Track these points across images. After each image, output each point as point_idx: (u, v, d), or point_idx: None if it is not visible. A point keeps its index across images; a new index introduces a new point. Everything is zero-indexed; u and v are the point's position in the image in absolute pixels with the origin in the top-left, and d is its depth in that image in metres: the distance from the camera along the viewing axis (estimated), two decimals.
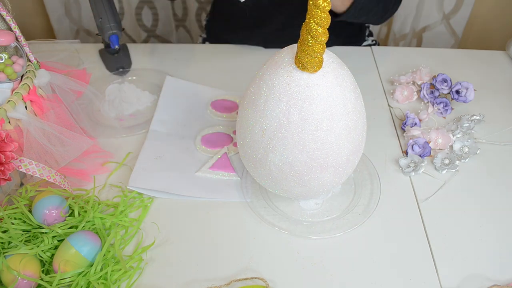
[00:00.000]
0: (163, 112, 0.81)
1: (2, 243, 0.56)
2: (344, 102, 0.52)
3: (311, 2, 0.45)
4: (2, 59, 0.61)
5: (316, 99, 0.51)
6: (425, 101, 0.84)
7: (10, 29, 0.64)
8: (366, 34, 1.10)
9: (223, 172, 0.70)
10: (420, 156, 0.71)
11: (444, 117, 0.81)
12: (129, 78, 0.90)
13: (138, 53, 0.97)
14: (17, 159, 0.58)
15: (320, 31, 0.47)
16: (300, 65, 0.50)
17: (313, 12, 0.45)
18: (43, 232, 0.57)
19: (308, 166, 0.54)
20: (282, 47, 0.56)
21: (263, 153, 0.55)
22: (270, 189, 0.61)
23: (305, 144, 0.52)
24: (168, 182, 0.68)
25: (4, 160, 0.56)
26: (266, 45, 0.98)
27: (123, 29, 0.85)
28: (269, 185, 0.60)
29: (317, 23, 0.46)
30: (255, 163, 0.58)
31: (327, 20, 0.46)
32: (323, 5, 0.45)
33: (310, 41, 0.47)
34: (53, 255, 0.55)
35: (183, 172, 0.70)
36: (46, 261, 0.56)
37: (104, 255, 0.56)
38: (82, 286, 0.52)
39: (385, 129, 0.78)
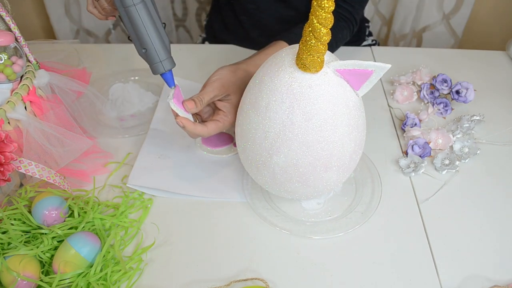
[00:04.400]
0: (164, 111, 0.81)
1: (1, 244, 0.56)
2: (346, 101, 0.52)
3: (315, 3, 0.45)
4: (1, 60, 0.61)
5: (319, 99, 0.51)
6: (425, 102, 0.84)
7: (9, 29, 0.64)
8: (366, 33, 1.10)
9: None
10: (420, 156, 0.71)
11: (444, 118, 0.81)
12: (132, 78, 0.90)
13: None
14: (16, 159, 0.58)
15: (323, 32, 0.46)
16: (302, 66, 0.50)
17: (317, 13, 0.45)
18: (42, 233, 0.57)
19: (312, 167, 0.54)
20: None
21: (266, 156, 0.55)
22: (274, 192, 0.61)
23: (309, 145, 0.52)
24: (168, 181, 0.67)
25: (3, 161, 0.56)
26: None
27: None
28: (273, 188, 0.59)
29: (321, 23, 0.46)
30: (258, 166, 0.57)
31: (330, 20, 0.46)
32: (327, 5, 0.44)
33: (313, 41, 0.47)
34: (52, 256, 0.55)
35: (183, 171, 0.70)
36: (45, 262, 0.56)
37: (104, 256, 0.56)
38: (82, 287, 0.52)
39: (385, 130, 0.78)
